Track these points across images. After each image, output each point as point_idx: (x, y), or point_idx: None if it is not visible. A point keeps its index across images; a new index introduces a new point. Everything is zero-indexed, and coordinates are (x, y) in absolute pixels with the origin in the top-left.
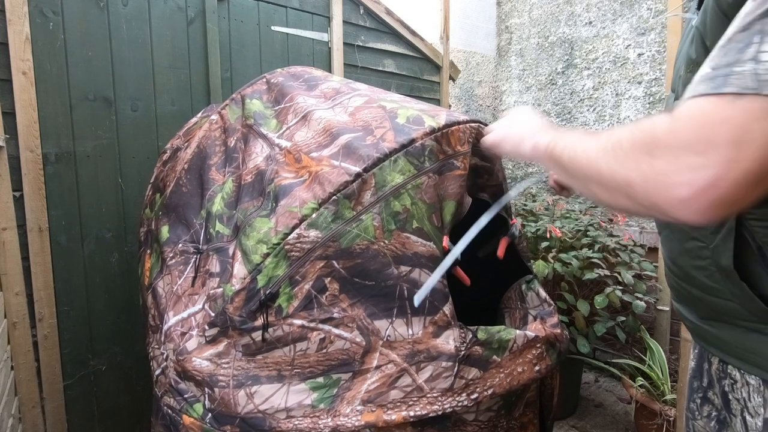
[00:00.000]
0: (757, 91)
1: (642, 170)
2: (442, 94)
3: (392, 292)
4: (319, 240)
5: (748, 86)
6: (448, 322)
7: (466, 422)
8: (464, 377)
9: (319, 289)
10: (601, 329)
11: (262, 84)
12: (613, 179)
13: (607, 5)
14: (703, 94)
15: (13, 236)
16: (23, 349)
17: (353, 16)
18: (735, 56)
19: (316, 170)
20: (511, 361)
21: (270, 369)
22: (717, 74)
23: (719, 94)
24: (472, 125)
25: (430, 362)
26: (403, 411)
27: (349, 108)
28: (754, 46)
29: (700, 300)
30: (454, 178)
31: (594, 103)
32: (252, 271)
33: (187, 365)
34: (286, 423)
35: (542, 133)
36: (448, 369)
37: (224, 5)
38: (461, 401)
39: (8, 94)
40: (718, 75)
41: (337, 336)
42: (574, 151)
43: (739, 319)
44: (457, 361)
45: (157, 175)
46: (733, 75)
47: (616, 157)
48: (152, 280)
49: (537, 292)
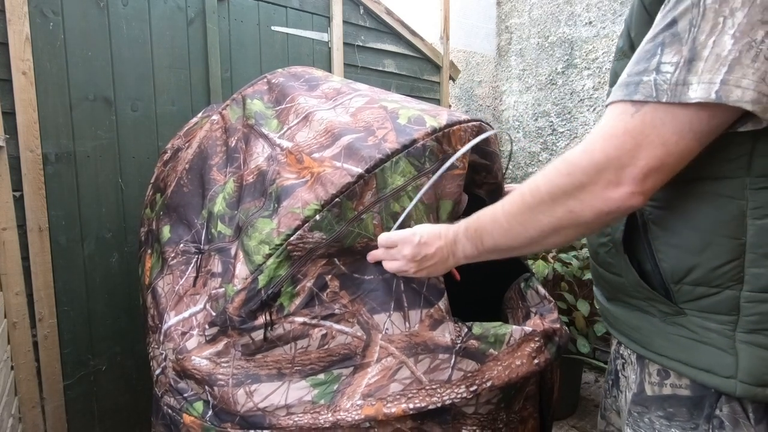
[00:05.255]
0: (656, 99)
1: (571, 204)
2: (442, 94)
3: (389, 286)
4: (323, 241)
5: (650, 95)
6: (443, 315)
7: (465, 415)
8: (462, 369)
9: (320, 287)
10: (601, 329)
11: (263, 84)
12: (557, 223)
13: (607, 5)
14: (618, 101)
15: (13, 236)
16: (23, 349)
17: (353, 16)
18: (644, 65)
19: (318, 171)
20: (509, 354)
21: (270, 368)
22: (630, 81)
23: (630, 101)
24: (473, 124)
25: (427, 354)
26: (403, 404)
27: (350, 108)
28: (657, 57)
29: (603, 278)
30: (452, 178)
31: (594, 103)
32: (254, 271)
33: (187, 364)
34: (285, 420)
35: (449, 234)
36: (446, 361)
37: (224, 5)
38: (460, 393)
39: (8, 94)
40: (631, 82)
41: (339, 331)
42: (500, 225)
43: (627, 296)
44: (454, 354)
45: (157, 175)
46: (641, 84)
47: (544, 206)
48: (152, 280)
49: (536, 289)
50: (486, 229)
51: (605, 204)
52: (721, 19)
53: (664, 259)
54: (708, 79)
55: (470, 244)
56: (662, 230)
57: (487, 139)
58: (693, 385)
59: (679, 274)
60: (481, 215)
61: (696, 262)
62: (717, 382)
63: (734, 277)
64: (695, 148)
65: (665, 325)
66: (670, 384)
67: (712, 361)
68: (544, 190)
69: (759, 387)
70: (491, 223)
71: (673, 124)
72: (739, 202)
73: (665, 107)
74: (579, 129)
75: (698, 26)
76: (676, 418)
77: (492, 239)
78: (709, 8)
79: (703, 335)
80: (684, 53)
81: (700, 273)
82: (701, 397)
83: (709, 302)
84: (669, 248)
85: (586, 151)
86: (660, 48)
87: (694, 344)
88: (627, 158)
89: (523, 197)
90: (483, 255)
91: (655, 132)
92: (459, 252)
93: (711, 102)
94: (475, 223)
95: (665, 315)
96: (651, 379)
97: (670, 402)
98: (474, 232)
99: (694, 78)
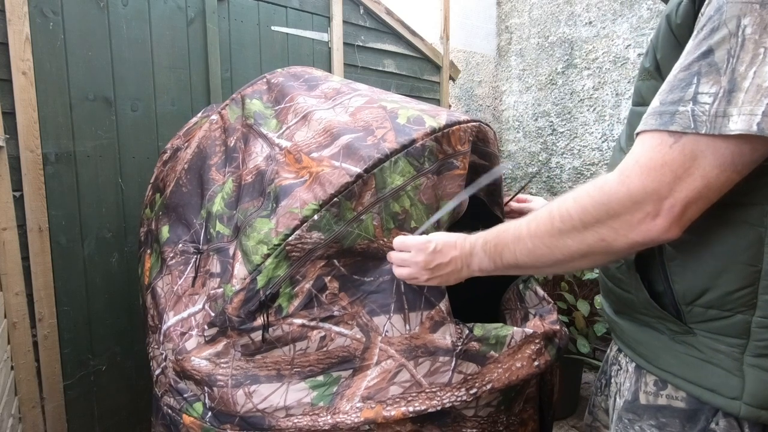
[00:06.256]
0: (695, 130)
1: (604, 232)
2: (442, 94)
3: (389, 288)
4: (321, 241)
5: (689, 126)
6: (444, 317)
7: (465, 418)
8: (462, 372)
9: (319, 288)
10: (601, 329)
11: (263, 84)
12: (587, 250)
13: (607, 5)
14: (653, 130)
15: (13, 236)
16: (23, 349)
17: (353, 16)
18: (679, 94)
19: (317, 171)
20: (509, 356)
21: (269, 369)
22: (665, 110)
23: (667, 132)
24: (473, 124)
25: (427, 357)
26: (402, 406)
27: (349, 108)
28: (693, 87)
29: (612, 292)
30: (453, 178)
31: (594, 103)
32: (252, 271)
33: (186, 365)
34: (285, 421)
35: (466, 245)
36: (446, 364)
37: (224, 5)
38: (460, 396)
39: (8, 94)
40: (666, 112)
41: (338, 333)
42: (524, 245)
43: (636, 312)
44: (455, 356)
45: (157, 175)
46: (677, 114)
47: (575, 232)
48: (152, 280)
49: (534, 290)
50: (508, 246)
51: (641, 235)
52: (762, 50)
53: (678, 280)
54: (749, 110)
55: (488, 258)
56: (679, 252)
57: (486, 140)
58: (689, 398)
59: (691, 296)
60: (501, 231)
61: (710, 285)
62: (721, 402)
63: (747, 303)
64: (735, 179)
65: (673, 343)
66: (666, 395)
67: (719, 382)
68: (576, 216)
69: (763, 410)
70: (514, 241)
71: (714, 157)
72: (758, 229)
73: (705, 139)
74: (579, 129)
75: (737, 56)
76: (668, 428)
77: (513, 257)
78: (749, 39)
79: (711, 356)
80: (723, 84)
81: (714, 296)
82: (696, 410)
83: (720, 325)
84: (684, 270)
85: (623, 182)
86: (696, 77)
87: (701, 363)
88: (666, 191)
89: (552, 221)
90: (499, 270)
91: (695, 165)
92: (474, 265)
93: (753, 134)
94: (494, 239)
95: (674, 333)
96: (647, 388)
97: (663, 412)
98: (493, 248)
99: (734, 110)
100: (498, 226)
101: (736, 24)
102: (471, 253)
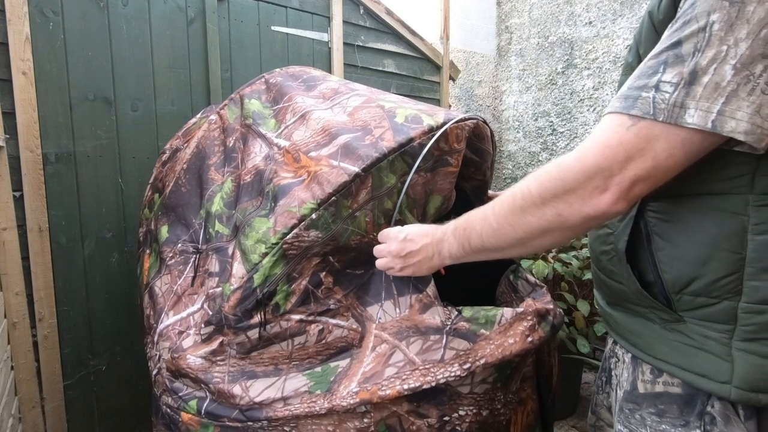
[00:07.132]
0: (653, 116)
1: (560, 207)
2: (442, 94)
3: (379, 278)
4: (319, 239)
5: (648, 112)
6: (432, 301)
7: (462, 395)
8: (454, 348)
9: (315, 284)
10: (601, 329)
11: (261, 84)
12: (545, 225)
13: (607, 5)
14: (615, 112)
15: (13, 236)
16: (23, 349)
17: (353, 16)
18: (645, 81)
19: (315, 170)
20: (500, 334)
21: (266, 364)
22: (629, 95)
23: (627, 114)
24: (470, 122)
25: (419, 336)
26: (398, 385)
27: (347, 108)
28: (659, 75)
29: (604, 284)
30: (445, 175)
31: (594, 103)
32: (250, 270)
33: (181, 363)
34: (282, 411)
35: (437, 233)
36: (437, 341)
37: (224, 5)
38: (453, 371)
39: (8, 94)
40: (630, 96)
41: (335, 326)
42: (490, 225)
43: (628, 302)
44: (445, 333)
45: (156, 175)
46: (640, 99)
47: (534, 207)
48: (150, 280)
49: (525, 278)
50: (475, 228)
51: (591, 208)
52: (725, 48)
53: (667, 270)
54: (705, 107)
55: (457, 243)
56: (666, 242)
57: (481, 136)
58: (684, 383)
59: (680, 284)
60: (470, 216)
61: (697, 273)
62: (713, 387)
63: (733, 290)
64: (683, 164)
65: (665, 332)
66: (663, 382)
67: (709, 367)
68: (535, 192)
69: (752, 392)
70: (481, 222)
71: (666, 142)
72: (741, 217)
73: (661, 126)
74: (579, 129)
75: (702, 51)
76: (667, 415)
77: (480, 239)
78: (715, 35)
79: (701, 342)
80: (684, 75)
81: (701, 284)
82: (692, 395)
83: (708, 312)
84: (672, 260)
85: (579, 158)
86: (663, 66)
87: (692, 350)
88: (617, 168)
89: (514, 198)
90: (469, 255)
91: (648, 147)
92: (444, 251)
93: (706, 130)
94: (464, 223)
95: (665, 322)
96: (644, 377)
97: (661, 399)
98: (462, 232)
99: (691, 102)
100: (468, 212)
101: (705, 19)
102: (442, 240)
